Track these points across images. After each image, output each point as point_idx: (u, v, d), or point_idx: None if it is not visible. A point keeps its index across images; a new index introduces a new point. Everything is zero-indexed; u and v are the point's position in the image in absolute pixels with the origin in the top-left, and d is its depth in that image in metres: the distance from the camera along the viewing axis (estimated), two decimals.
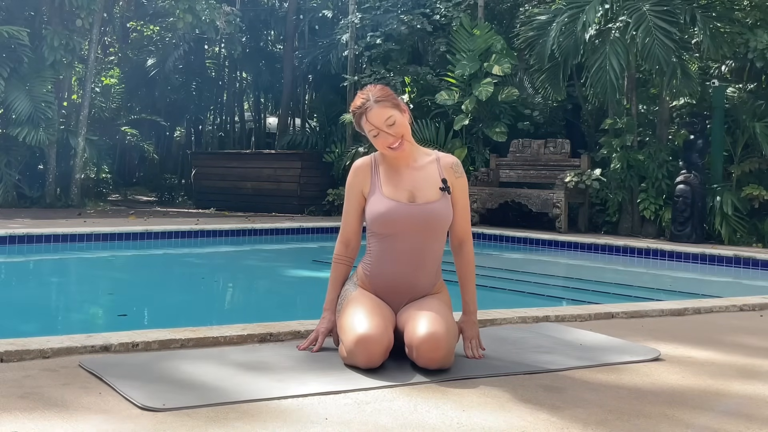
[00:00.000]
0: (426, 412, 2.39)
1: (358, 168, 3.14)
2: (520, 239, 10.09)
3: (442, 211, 3.04)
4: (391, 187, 3.05)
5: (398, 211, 3.01)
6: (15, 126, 12.64)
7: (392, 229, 3.02)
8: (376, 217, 3.04)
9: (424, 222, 3.02)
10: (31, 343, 2.93)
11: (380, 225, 3.04)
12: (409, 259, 3.04)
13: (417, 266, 3.05)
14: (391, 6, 14.02)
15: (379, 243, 3.07)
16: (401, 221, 3.01)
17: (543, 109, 12.56)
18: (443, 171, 3.10)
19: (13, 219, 10.09)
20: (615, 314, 4.24)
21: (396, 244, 3.03)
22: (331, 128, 15.18)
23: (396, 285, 3.06)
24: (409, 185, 3.06)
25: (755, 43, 9.83)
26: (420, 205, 3.02)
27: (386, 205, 3.02)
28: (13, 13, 13.84)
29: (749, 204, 9.85)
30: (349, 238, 3.18)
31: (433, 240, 3.06)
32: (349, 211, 3.16)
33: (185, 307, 5.91)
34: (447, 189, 3.06)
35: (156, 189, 18.83)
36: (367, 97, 3.05)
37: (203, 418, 2.26)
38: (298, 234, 10.54)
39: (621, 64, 10.18)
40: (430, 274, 3.08)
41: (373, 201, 3.06)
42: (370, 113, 3.02)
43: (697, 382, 2.91)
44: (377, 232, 3.07)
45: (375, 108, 3.01)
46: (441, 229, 3.07)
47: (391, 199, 3.03)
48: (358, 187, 3.13)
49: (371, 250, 3.10)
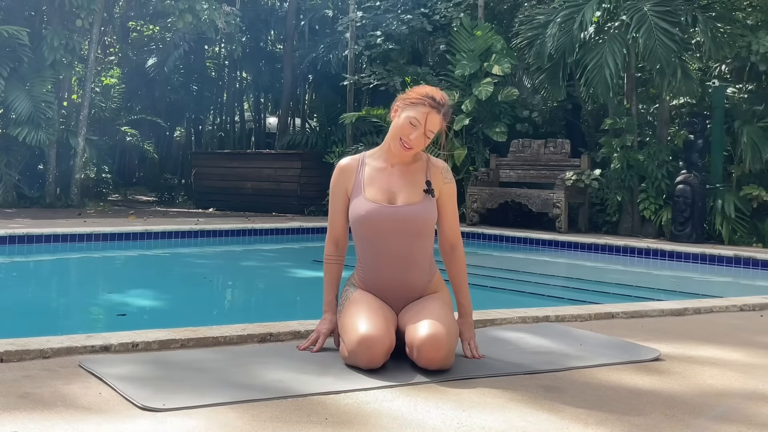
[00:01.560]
0: (426, 412, 2.39)
1: (344, 167, 3.16)
2: (520, 239, 10.09)
3: (422, 213, 3.05)
4: (373, 189, 3.07)
5: (378, 213, 3.02)
6: (15, 126, 12.63)
7: (373, 231, 3.04)
8: (357, 220, 3.06)
9: (405, 223, 3.03)
10: (31, 343, 2.93)
11: (361, 227, 3.07)
12: (397, 259, 3.05)
13: (406, 266, 3.06)
14: (391, 6, 14.02)
15: (364, 246, 3.10)
16: (381, 224, 3.02)
17: (543, 110, 12.56)
18: (431, 174, 3.12)
19: (13, 219, 10.09)
20: (615, 314, 4.24)
21: (380, 245, 3.05)
22: (331, 128, 15.18)
23: (390, 286, 3.07)
24: (392, 186, 3.08)
25: (757, 46, 9.83)
26: (399, 207, 3.04)
27: (366, 208, 3.04)
28: (13, 13, 13.83)
29: (749, 204, 9.85)
30: (338, 237, 3.19)
31: (419, 240, 3.06)
32: (335, 210, 3.17)
33: (185, 307, 5.91)
34: (431, 192, 3.08)
35: (156, 189, 18.83)
36: (443, 102, 3.07)
37: (203, 418, 2.26)
38: (298, 234, 10.54)
39: (617, 62, 10.19)
40: (421, 271, 3.09)
41: (354, 203, 3.08)
42: (435, 115, 3.04)
43: (697, 382, 2.91)
44: (360, 234, 3.09)
45: (440, 116, 3.05)
46: (424, 229, 3.08)
47: (371, 201, 3.05)
48: (342, 186, 3.15)
49: (359, 255, 3.14)
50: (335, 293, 3.16)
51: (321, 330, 3.13)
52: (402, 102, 3.10)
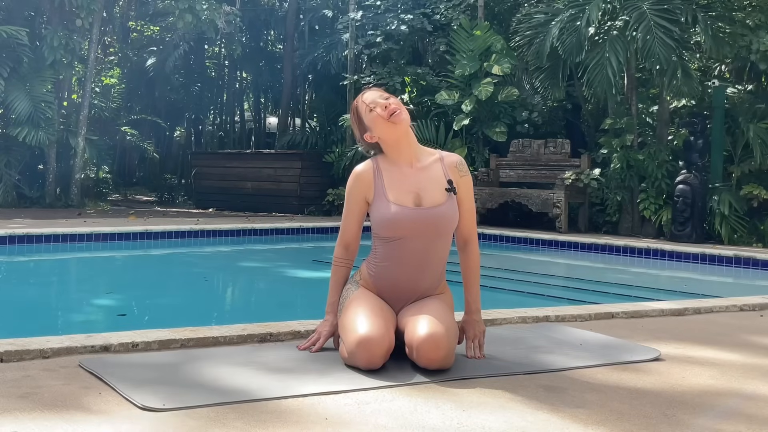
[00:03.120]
0: (426, 412, 2.39)
1: (360, 174, 3.10)
2: (520, 239, 10.09)
3: (448, 214, 3.03)
4: (396, 191, 3.03)
5: (405, 216, 2.99)
6: (15, 126, 12.63)
7: (399, 234, 3.01)
8: (382, 223, 3.02)
9: (432, 226, 3.00)
10: (31, 343, 2.93)
11: (386, 230, 3.02)
12: (416, 262, 3.02)
13: (423, 269, 3.04)
14: (391, 5, 14.02)
15: (384, 246, 3.06)
16: (408, 226, 2.99)
17: (542, 110, 12.56)
18: (448, 170, 3.08)
19: (13, 219, 10.08)
20: (615, 314, 4.24)
21: (403, 247, 3.02)
22: (331, 128, 15.17)
23: (400, 287, 3.06)
24: (414, 187, 3.04)
25: (757, 45, 9.83)
26: (427, 209, 3.01)
27: (392, 211, 2.99)
28: (13, 13, 13.83)
29: (749, 204, 9.85)
30: (349, 242, 3.17)
31: (440, 242, 3.05)
32: (349, 217, 3.14)
33: (185, 307, 5.91)
34: (453, 190, 3.04)
35: (156, 189, 18.82)
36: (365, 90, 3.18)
37: (203, 418, 2.26)
38: (298, 234, 10.53)
39: (620, 61, 10.19)
40: (435, 276, 3.08)
41: (378, 206, 3.03)
42: (365, 95, 3.12)
43: (697, 382, 2.91)
44: (383, 236, 3.05)
45: (368, 92, 3.13)
46: (448, 231, 3.07)
47: (396, 204, 3.01)
48: (360, 194, 3.10)
49: (377, 252, 3.09)
50: (339, 296, 3.14)
51: (321, 331, 3.12)
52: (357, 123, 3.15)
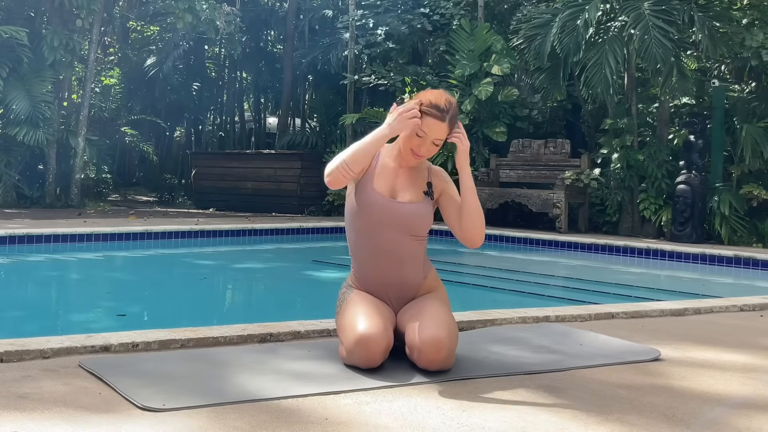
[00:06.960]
0: (426, 412, 2.39)
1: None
2: (520, 239, 10.09)
3: (419, 212, 3.07)
4: (381, 180, 3.09)
5: (379, 203, 3.05)
6: (14, 126, 12.63)
7: (372, 222, 3.05)
8: (360, 206, 3.07)
9: (402, 219, 3.05)
10: (31, 343, 2.93)
11: (361, 215, 3.07)
12: (390, 253, 3.05)
13: (400, 261, 3.07)
14: (391, 5, 14.02)
15: (359, 239, 3.10)
16: (381, 216, 3.04)
17: (542, 110, 12.56)
18: (431, 176, 3.16)
19: (12, 219, 10.08)
20: (615, 314, 4.24)
21: (375, 239, 3.06)
22: (331, 128, 15.17)
23: (384, 282, 3.08)
24: (397, 184, 3.11)
25: (750, 41, 9.84)
26: (399, 203, 3.07)
27: (371, 197, 3.06)
28: (13, 13, 13.83)
29: (749, 203, 9.85)
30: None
31: (413, 240, 3.07)
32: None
33: (185, 307, 5.91)
34: (431, 194, 3.11)
35: (156, 189, 18.82)
36: (448, 108, 3.02)
37: (203, 418, 2.26)
38: (298, 234, 10.54)
39: (618, 61, 10.19)
40: (416, 267, 3.10)
41: (361, 189, 3.09)
42: (440, 124, 3.00)
43: (697, 382, 2.91)
44: (357, 225, 3.09)
45: (445, 124, 3.01)
46: (418, 230, 3.09)
47: (377, 191, 3.07)
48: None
49: (353, 252, 3.15)
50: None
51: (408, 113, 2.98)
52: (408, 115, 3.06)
